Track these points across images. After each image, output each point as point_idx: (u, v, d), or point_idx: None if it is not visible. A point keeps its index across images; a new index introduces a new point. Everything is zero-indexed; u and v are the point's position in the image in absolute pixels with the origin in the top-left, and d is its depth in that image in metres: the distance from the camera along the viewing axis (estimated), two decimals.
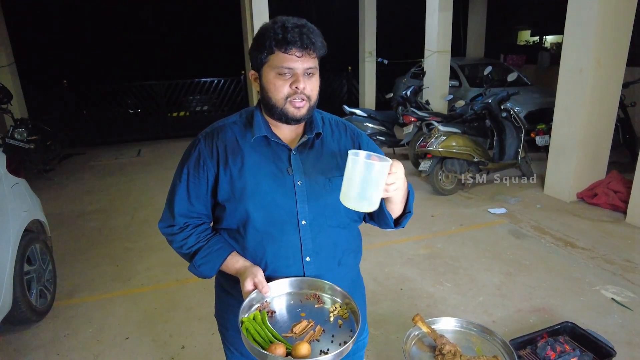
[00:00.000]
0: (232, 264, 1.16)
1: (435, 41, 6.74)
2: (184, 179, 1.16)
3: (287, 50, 1.04)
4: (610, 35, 4.07)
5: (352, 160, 0.96)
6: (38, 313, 2.73)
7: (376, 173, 0.95)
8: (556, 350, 2.04)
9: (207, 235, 1.20)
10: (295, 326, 1.04)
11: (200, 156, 1.15)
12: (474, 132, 5.12)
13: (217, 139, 1.15)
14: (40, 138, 6.01)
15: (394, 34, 10.84)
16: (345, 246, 1.24)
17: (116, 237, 4.07)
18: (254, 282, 1.09)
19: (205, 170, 1.14)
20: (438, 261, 3.40)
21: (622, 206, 4.08)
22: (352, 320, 1.07)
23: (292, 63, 1.05)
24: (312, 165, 1.16)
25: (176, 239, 1.19)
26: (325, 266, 1.19)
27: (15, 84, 6.97)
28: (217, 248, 1.17)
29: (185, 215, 1.18)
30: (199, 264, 1.17)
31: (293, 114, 1.09)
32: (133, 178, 6.07)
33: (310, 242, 1.16)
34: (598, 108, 4.28)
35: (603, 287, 2.95)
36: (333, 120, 1.26)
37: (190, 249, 1.18)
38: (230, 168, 1.13)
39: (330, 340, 1.02)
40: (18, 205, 2.70)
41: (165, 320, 2.76)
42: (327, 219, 1.17)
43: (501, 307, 2.77)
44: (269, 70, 1.07)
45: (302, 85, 1.07)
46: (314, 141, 1.19)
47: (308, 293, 1.15)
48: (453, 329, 1.24)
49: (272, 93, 1.08)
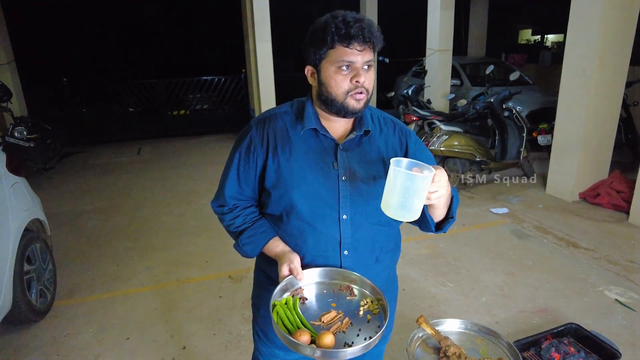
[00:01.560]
0: (272, 248, 1.20)
1: (437, 40, 6.72)
2: (235, 162, 1.21)
3: (349, 45, 1.04)
4: (614, 34, 4.05)
5: (393, 170, 0.95)
6: (38, 313, 2.71)
7: (418, 184, 0.94)
8: (560, 352, 2.02)
9: (254, 217, 1.25)
10: (324, 315, 1.05)
11: (251, 142, 1.18)
12: (476, 131, 5.10)
13: (268, 126, 1.18)
14: (40, 136, 5.99)
15: (395, 33, 10.76)
16: (383, 244, 1.25)
17: (117, 237, 4.05)
18: (289, 267, 1.12)
19: (255, 157, 1.18)
20: (440, 261, 3.38)
21: (625, 206, 4.07)
22: (381, 316, 1.08)
23: (353, 57, 1.05)
24: (357, 162, 1.17)
25: (226, 218, 1.25)
26: (362, 261, 1.20)
27: (15, 82, 6.94)
28: (262, 231, 1.22)
29: (235, 197, 1.24)
30: (244, 243, 1.23)
31: (354, 107, 1.10)
32: (133, 177, 6.05)
33: (349, 236, 1.17)
34: (601, 107, 4.26)
35: (606, 287, 2.93)
36: (382, 117, 1.27)
37: (237, 229, 1.24)
38: (279, 156, 1.16)
39: (357, 334, 1.02)
40: (18, 204, 2.68)
41: (166, 321, 2.74)
42: (368, 217, 1.18)
43: (504, 308, 2.76)
44: (329, 66, 1.08)
45: (363, 79, 1.08)
46: (362, 138, 1.20)
47: (342, 284, 1.17)
48: (457, 331, 1.23)
49: (332, 88, 1.09)
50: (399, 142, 1.24)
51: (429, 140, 4.66)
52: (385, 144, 1.22)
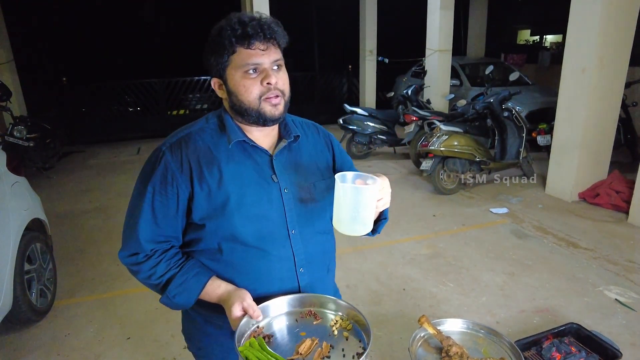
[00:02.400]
0: (212, 290, 1.04)
1: (437, 40, 6.72)
2: (148, 197, 1.02)
3: (250, 45, 0.96)
4: (614, 34, 4.06)
5: (341, 187, 0.94)
6: (38, 313, 2.71)
7: (367, 197, 0.94)
8: (562, 351, 2.03)
9: (179, 260, 1.06)
10: (299, 346, 0.95)
11: (167, 171, 1.01)
12: (476, 131, 5.11)
13: (186, 149, 1.02)
14: (40, 136, 5.98)
15: (394, 33, 10.80)
16: (331, 252, 1.22)
17: (117, 236, 4.02)
18: (242, 306, 0.99)
19: (175, 187, 1.01)
20: (440, 261, 3.39)
21: (624, 206, 4.07)
22: (357, 329, 1.02)
23: (258, 58, 0.97)
24: (294, 170, 1.10)
25: (142, 268, 1.04)
26: (317, 275, 1.15)
27: (14, 82, 6.93)
28: (194, 274, 1.04)
29: (152, 240, 1.04)
30: (174, 294, 1.03)
31: (271, 112, 1.01)
32: (133, 176, 5.96)
33: (302, 252, 1.10)
34: (600, 108, 4.27)
35: (606, 287, 2.94)
36: (304, 122, 1.21)
37: (161, 279, 1.04)
38: (207, 181, 1.01)
39: (342, 355, 0.95)
40: (18, 204, 2.68)
41: (166, 320, 2.74)
42: (314, 226, 1.13)
43: (504, 308, 2.76)
44: (234, 72, 0.99)
45: (274, 80, 0.99)
46: (292, 145, 1.12)
47: (302, 311, 1.07)
48: (459, 331, 1.22)
49: (243, 96, 1.00)
50: (325, 144, 1.20)
51: (429, 140, 4.67)
52: (315, 148, 1.17)
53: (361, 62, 9.19)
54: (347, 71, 9.71)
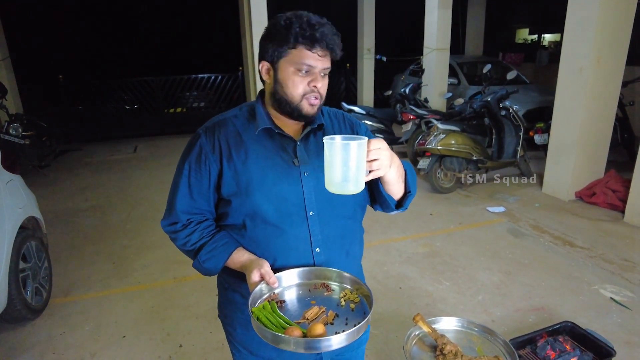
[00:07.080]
0: (237, 259, 1.14)
1: (435, 38, 6.72)
2: (185, 174, 1.15)
3: (312, 48, 1.03)
4: (611, 33, 4.06)
5: (328, 144, 0.95)
6: (34, 311, 2.70)
7: (353, 152, 0.93)
8: (556, 349, 2.03)
9: (211, 231, 1.18)
10: (307, 312, 1.04)
11: (201, 151, 1.13)
12: (473, 130, 5.11)
13: (218, 132, 1.14)
14: (36, 134, 5.96)
15: (392, 31, 10.80)
16: (352, 237, 1.24)
17: (113, 234, 4.04)
18: (260, 273, 1.08)
19: (207, 165, 1.13)
20: (437, 260, 3.39)
21: (621, 205, 4.09)
22: (364, 303, 1.08)
23: (314, 61, 1.04)
24: (316, 156, 1.15)
25: (179, 236, 1.18)
26: (335, 257, 1.19)
27: (10, 79, 6.90)
28: (223, 243, 1.15)
29: (188, 211, 1.17)
30: (204, 260, 1.15)
31: (307, 111, 1.09)
32: (129, 174, 6.03)
33: (319, 233, 1.15)
34: (597, 107, 4.27)
35: (602, 286, 2.95)
36: (332, 111, 1.27)
37: (194, 245, 1.17)
38: (235, 161, 1.11)
39: (345, 323, 1.02)
40: (13, 202, 2.67)
41: (162, 319, 2.74)
42: (334, 209, 1.17)
43: (500, 306, 2.77)
44: (287, 65, 1.05)
45: (320, 84, 1.07)
46: (317, 132, 1.19)
47: (316, 282, 1.15)
48: (454, 329, 1.23)
49: (289, 89, 1.07)
50: (350, 133, 1.23)
51: (426, 139, 4.67)
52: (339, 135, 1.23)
53: (359, 61, 9.18)
54: (345, 69, 9.70)
